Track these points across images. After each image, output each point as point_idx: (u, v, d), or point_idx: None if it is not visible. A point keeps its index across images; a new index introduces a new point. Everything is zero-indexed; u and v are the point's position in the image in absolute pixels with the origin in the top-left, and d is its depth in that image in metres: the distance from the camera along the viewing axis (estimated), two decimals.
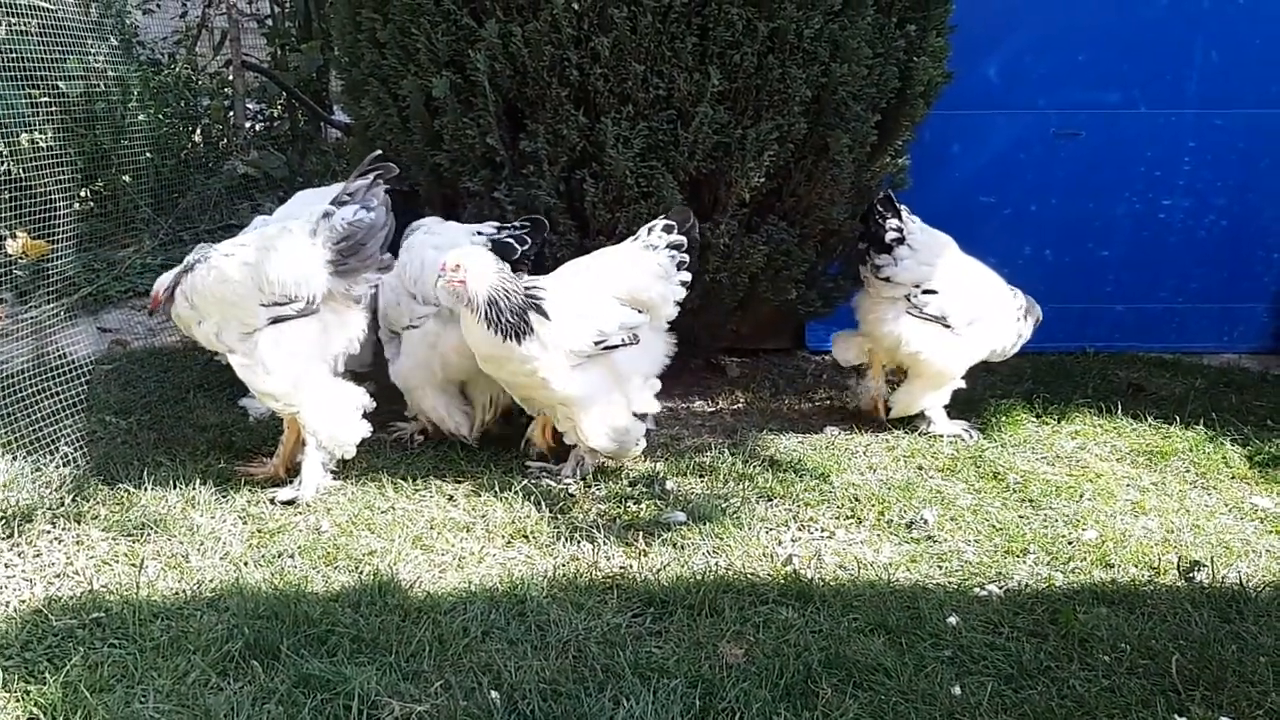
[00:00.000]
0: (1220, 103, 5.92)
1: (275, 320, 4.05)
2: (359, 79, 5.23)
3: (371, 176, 4.08)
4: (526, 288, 4.17)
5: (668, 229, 4.40)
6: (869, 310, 4.98)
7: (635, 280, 4.35)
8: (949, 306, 4.83)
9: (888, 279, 4.86)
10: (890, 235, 4.84)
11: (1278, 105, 5.91)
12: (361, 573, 3.70)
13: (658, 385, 4.45)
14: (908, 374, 5.00)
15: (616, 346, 4.28)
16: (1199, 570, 3.81)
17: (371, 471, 4.44)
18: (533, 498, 4.24)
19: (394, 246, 4.33)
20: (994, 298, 4.95)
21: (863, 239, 4.97)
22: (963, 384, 5.03)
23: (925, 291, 4.84)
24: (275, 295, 4.02)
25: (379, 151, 4.19)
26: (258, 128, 9.28)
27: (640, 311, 4.33)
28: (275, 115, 9.50)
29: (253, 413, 4.91)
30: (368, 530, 4.00)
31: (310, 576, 3.66)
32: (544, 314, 4.13)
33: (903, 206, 4.89)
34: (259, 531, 3.96)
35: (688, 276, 4.42)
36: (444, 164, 4.96)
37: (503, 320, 4.09)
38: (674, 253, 4.39)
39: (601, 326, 4.26)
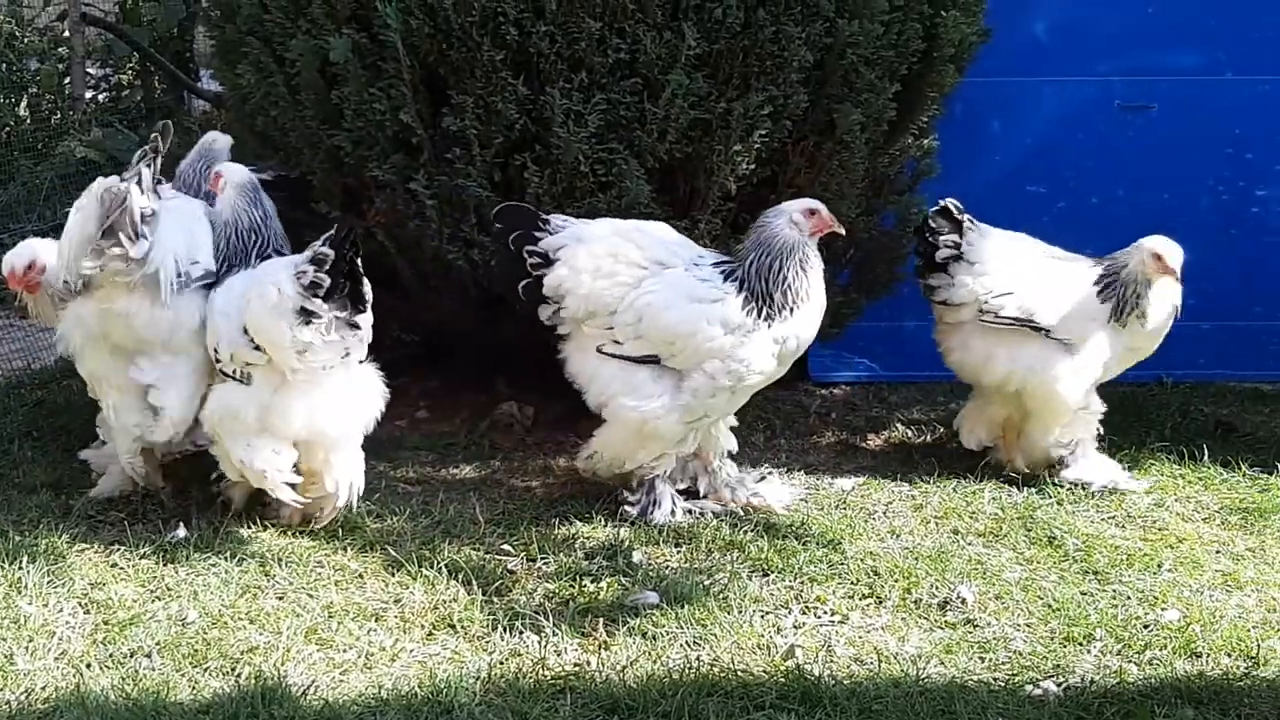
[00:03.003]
0: None
1: None
2: (234, 37, 5.24)
3: None
4: None
5: (327, 240, 4.23)
6: (939, 338, 5.19)
7: (249, 305, 4.31)
8: (1033, 302, 4.94)
9: (944, 302, 5.04)
10: (943, 253, 5.00)
11: None
12: (240, 676, 3.67)
13: (273, 460, 4.38)
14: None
15: (229, 377, 4.42)
16: None
17: (251, 542, 4.44)
18: (460, 575, 4.24)
19: None
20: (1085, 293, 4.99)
21: (917, 253, 5.13)
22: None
23: (998, 296, 4.96)
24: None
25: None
26: (101, 99, 9.24)
27: (258, 348, 4.30)
28: (124, 83, 9.47)
29: (96, 467, 4.89)
30: (247, 620, 3.97)
31: (173, 681, 3.63)
32: None
33: (965, 217, 5.03)
34: (106, 623, 3.93)
35: (316, 306, 4.17)
36: (345, 146, 4.99)
37: None
38: (306, 271, 4.19)
39: (216, 346, 4.41)
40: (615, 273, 4.58)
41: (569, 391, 4.90)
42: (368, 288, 4.32)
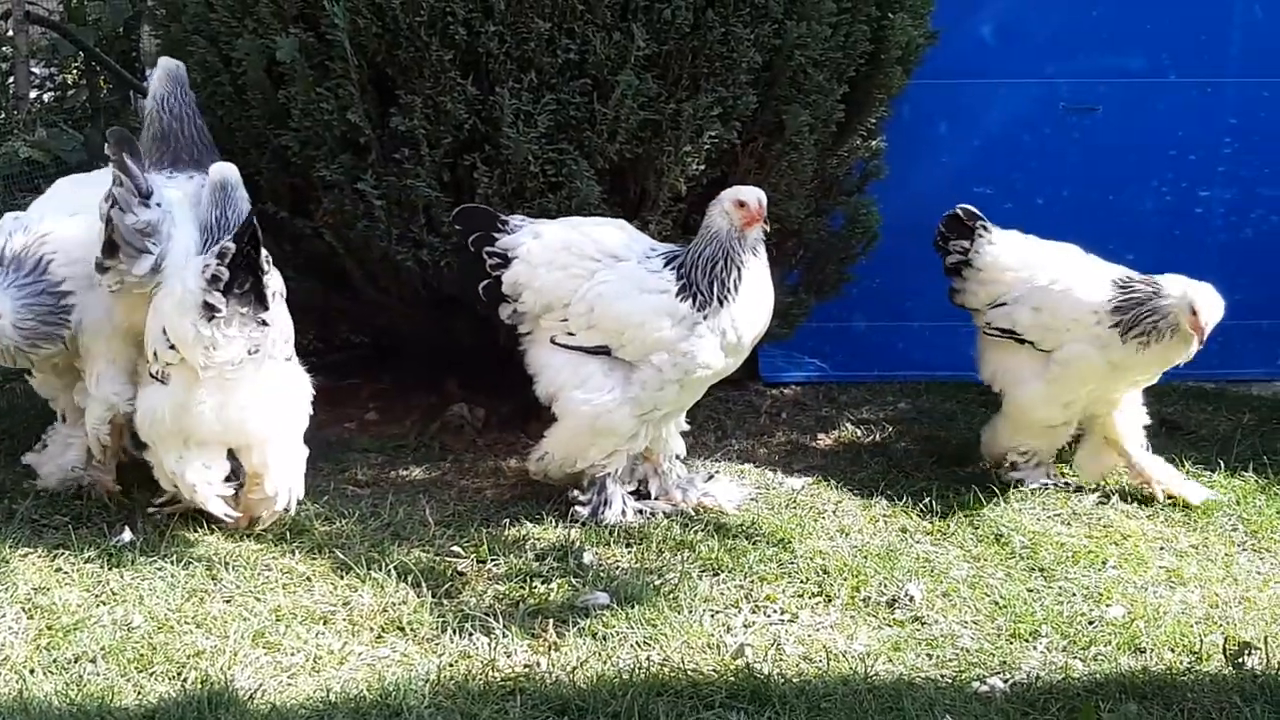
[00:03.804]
0: (1268, 70, 6.13)
1: None
2: (179, 37, 5.20)
3: None
4: None
5: (234, 237, 4.15)
6: None
7: (163, 303, 4.29)
8: (1021, 315, 4.94)
9: (962, 305, 5.15)
10: (952, 259, 5.10)
11: None
12: (186, 680, 3.65)
13: (203, 474, 4.35)
14: None
15: (153, 379, 4.39)
16: (1250, 654, 3.91)
17: (197, 545, 4.41)
18: (410, 577, 4.22)
19: None
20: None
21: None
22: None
23: (995, 306, 5.01)
24: None
25: None
26: (46, 98, 9.14)
27: (173, 346, 4.24)
28: (70, 83, 9.38)
29: (39, 470, 4.84)
30: (193, 624, 3.95)
31: (118, 686, 3.61)
32: None
33: (980, 222, 5.07)
34: (50, 628, 3.89)
35: (217, 300, 4.07)
36: (292, 146, 4.96)
37: None
38: (209, 265, 4.10)
39: (148, 346, 4.38)
40: (569, 265, 4.60)
41: (520, 392, 4.91)
42: (273, 282, 4.26)
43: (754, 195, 4.52)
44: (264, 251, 4.20)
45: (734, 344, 4.57)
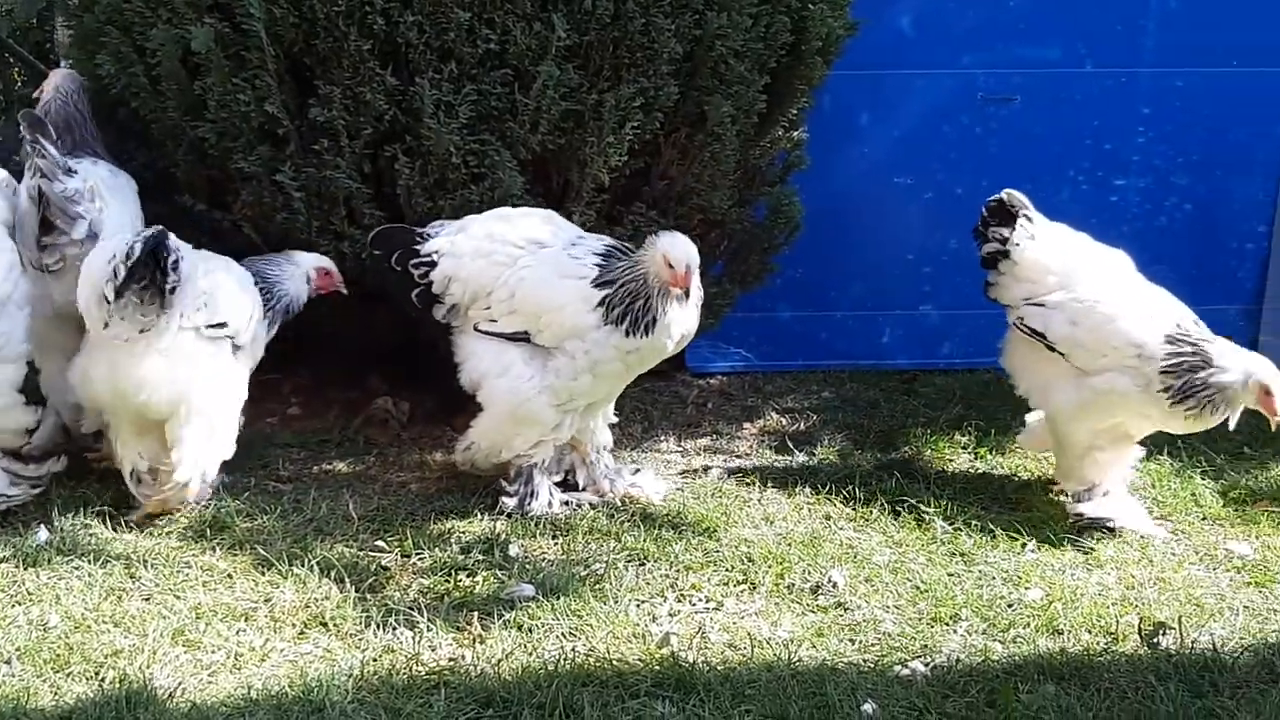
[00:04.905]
0: (1181, 60, 6.20)
1: None
2: (93, 27, 5.11)
3: None
4: None
5: (143, 242, 4.19)
6: None
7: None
8: (1056, 323, 4.71)
9: (995, 300, 4.97)
10: (989, 248, 4.92)
11: (1251, 62, 6.21)
12: (104, 680, 3.62)
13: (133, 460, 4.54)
14: None
15: None
16: (1165, 634, 4.00)
17: (115, 543, 4.35)
18: (333, 573, 4.20)
19: None
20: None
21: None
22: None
23: (1031, 303, 4.81)
24: None
25: None
26: None
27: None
28: None
29: None
30: (111, 624, 3.91)
31: (34, 687, 3.57)
32: None
33: (1025, 211, 4.89)
34: None
35: (111, 292, 4.15)
36: (209, 138, 4.90)
37: None
38: (114, 256, 4.17)
39: None
40: (493, 252, 4.61)
41: (444, 386, 4.89)
42: (175, 277, 4.25)
43: (683, 258, 4.36)
44: (172, 256, 4.23)
45: (638, 362, 4.60)
